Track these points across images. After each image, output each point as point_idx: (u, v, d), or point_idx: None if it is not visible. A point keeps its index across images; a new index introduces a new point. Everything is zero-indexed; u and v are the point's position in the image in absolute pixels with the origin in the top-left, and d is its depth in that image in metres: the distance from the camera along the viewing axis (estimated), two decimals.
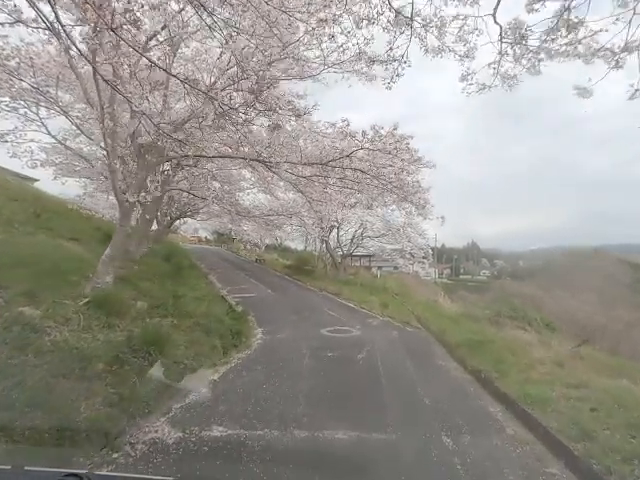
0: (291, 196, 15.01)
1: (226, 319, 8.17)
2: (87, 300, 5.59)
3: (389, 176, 7.03)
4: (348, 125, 6.82)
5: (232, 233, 25.18)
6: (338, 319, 10.05)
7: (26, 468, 1.20)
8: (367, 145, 6.79)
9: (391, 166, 6.71)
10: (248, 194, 16.95)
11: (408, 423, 3.90)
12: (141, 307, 6.63)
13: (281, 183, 14.68)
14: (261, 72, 5.57)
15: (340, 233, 20.82)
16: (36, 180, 20.38)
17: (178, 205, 17.95)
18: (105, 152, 5.80)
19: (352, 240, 20.16)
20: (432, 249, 20.45)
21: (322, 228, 17.45)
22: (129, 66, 6.48)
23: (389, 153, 6.64)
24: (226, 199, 10.35)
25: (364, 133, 6.77)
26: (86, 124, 8.78)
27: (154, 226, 19.70)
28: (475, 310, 13.56)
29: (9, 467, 1.22)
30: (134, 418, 3.77)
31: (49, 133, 9.68)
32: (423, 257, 19.12)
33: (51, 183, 19.08)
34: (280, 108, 5.95)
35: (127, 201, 6.10)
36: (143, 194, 5.65)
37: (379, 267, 38.47)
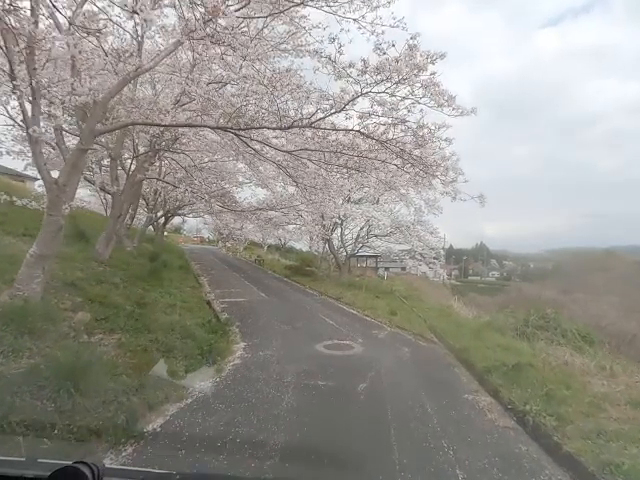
0: (291, 190, 13.54)
1: (200, 333, 6.68)
2: None
3: (403, 141, 5.27)
4: (340, 49, 4.55)
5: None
6: (338, 330, 8.52)
7: (39, 460, 1.22)
8: (369, 89, 4.92)
9: (406, 122, 4.94)
10: (242, 187, 15.62)
11: None
12: (80, 320, 5.18)
13: (280, 178, 13.27)
14: None
15: (345, 232, 19.27)
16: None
17: (169, 200, 16.58)
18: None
19: (357, 239, 18.56)
20: (443, 249, 18.78)
21: (323, 225, 15.94)
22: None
23: (404, 98, 4.84)
24: (204, 189, 8.81)
25: (365, 63, 4.86)
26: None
27: (139, 223, 18.38)
28: (496, 317, 11.91)
29: (23, 459, 1.36)
30: None
31: (8, 113, 8.37)
32: (434, 258, 17.49)
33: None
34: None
35: (56, 183, 4.65)
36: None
37: (386, 268, 36.79)
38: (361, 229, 18.23)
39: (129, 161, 9.36)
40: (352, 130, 5.22)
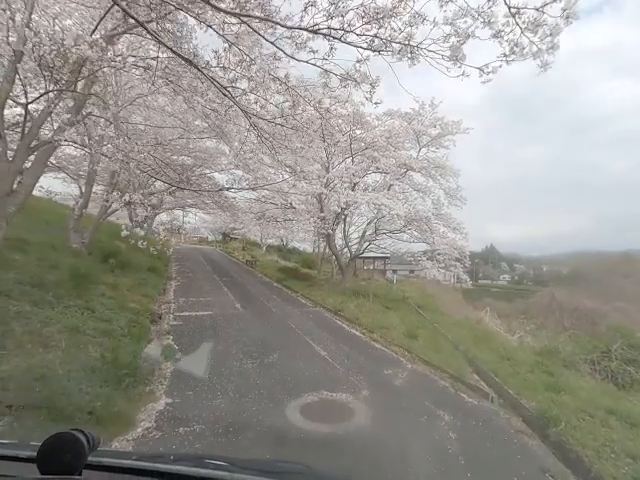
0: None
1: (80, 387, 3.74)
2: None
3: None
4: None
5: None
6: (331, 367, 5.55)
7: (32, 443, 1.15)
8: None
9: None
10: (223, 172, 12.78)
11: None
12: None
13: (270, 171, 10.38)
14: None
15: (350, 229, 16.22)
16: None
17: (124, 184, 13.59)
18: None
19: (362, 236, 15.49)
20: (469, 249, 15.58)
21: (322, 218, 12.97)
22: None
23: None
24: (125, 148, 5.78)
25: None
26: None
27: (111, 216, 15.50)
28: (552, 339, 8.85)
29: (16, 441, 1.27)
30: None
31: None
32: (457, 259, 14.37)
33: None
34: None
35: None
36: None
37: (394, 271, 33.55)
38: (368, 224, 15.15)
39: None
40: None
